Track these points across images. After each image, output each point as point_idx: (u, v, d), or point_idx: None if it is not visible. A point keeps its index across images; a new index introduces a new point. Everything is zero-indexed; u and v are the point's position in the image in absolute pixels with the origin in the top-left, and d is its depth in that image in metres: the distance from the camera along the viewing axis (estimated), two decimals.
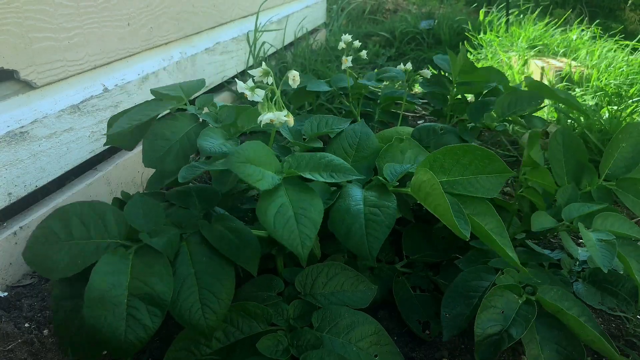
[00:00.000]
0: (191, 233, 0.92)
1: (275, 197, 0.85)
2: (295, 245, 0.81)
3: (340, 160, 0.93)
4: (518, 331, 0.90)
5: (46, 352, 0.94)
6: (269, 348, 0.85)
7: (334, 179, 0.91)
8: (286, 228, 0.82)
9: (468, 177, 0.98)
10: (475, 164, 0.98)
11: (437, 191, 0.86)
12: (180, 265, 0.88)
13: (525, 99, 1.37)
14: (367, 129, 1.14)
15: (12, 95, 1.12)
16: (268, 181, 0.85)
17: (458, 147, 0.98)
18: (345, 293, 0.97)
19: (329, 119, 1.15)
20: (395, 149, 1.08)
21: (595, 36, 2.99)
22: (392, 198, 0.94)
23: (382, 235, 0.90)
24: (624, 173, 1.18)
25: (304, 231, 0.82)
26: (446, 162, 0.98)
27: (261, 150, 0.88)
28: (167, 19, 1.63)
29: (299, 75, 0.94)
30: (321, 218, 0.84)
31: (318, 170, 0.91)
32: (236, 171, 0.83)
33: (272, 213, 0.83)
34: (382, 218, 0.91)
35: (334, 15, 3.68)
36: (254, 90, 0.92)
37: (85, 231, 0.88)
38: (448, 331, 0.98)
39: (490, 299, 0.93)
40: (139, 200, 0.95)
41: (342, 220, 0.92)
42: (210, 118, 1.05)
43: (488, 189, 0.97)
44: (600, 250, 0.95)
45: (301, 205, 0.84)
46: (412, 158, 1.07)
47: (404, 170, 1.00)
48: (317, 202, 0.86)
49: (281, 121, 0.90)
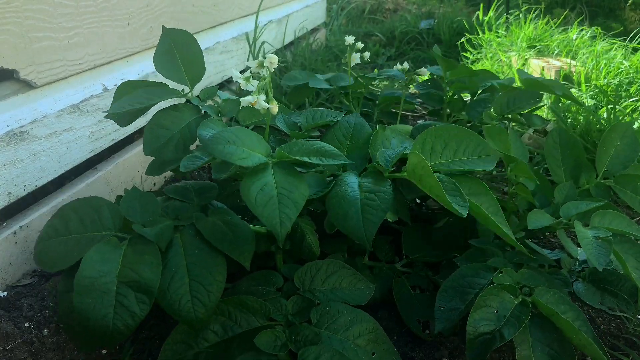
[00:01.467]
0: (186, 225, 0.93)
1: (260, 176, 0.85)
2: (274, 223, 0.80)
3: (330, 147, 0.93)
4: (510, 331, 0.89)
5: (46, 351, 0.94)
6: (267, 343, 0.85)
7: (322, 162, 0.91)
8: (267, 206, 0.81)
9: (460, 158, 1.01)
10: (462, 148, 1.02)
11: (428, 171, 0.88)
12: (173, 257, 0.88)
13: (524, 97, 1.38)
14: (361, 119, 1.15)
15: (11, 95, 1.12)
16: (254, 159, 0.86)
17: (442, 128, 1.02)
18: (344, 290, 0.98)
19: (324, 111, 1.17)
20: (382, 137, 1.09)
21: (595, 36, 2.99)
22: (388, 183, 0.95)
23: (378, 220, 0.90)
24: (621, 170, 1.19)
25: (285, 211, 0.82)
26: (436, 145, 1.01)
27: (245, 134, 0.89)
28: (167, 19, 1.64)
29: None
30: (304, 201, 0.84)
31: (308, 155, 0.91)
32: (214, 152, 0.84)
33: (256, 190, 0.82)
34: (378, 202, 0.91)
35: (333, 14, 3.68)
36: (248, 80, 0.93)
37: (81, 225, 0.92)
38: (440, 323, 0.97)
39: (485, 298, 0.93)
40: (136, 193, 0.96)
41: (339, 205, 0.92)
42: (212, 110, 1.05)
43: (482, 166, 1.01)
44: (595, 248, 0.95)
45: (286, 187, 0.84)
46: (398, 145, 1.08)
47: (398, 153, 1.01)
48: (302, 186, 0.86)
49: (262, 106, 0.90)
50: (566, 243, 1.10)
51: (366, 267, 1.15)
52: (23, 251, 1.11)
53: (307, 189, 0.86)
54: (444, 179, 0.92)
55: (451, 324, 0.97)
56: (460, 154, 1.02)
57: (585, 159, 1.22)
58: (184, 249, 0.89)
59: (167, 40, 1.08)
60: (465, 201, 0.90)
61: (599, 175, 1.20)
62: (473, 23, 3.36)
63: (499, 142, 1.08)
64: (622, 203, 1.49)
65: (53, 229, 0.93)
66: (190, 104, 1.06)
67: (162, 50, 1.08)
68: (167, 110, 1.03)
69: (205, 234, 0.90)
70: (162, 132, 0.99)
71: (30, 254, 1.13)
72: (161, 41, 1.08)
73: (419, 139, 1.01)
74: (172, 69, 1.08)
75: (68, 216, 0.93)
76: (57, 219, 0.93)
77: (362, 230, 0.89)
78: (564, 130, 1.23)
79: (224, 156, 0.83)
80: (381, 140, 1.08)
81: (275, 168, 0.87)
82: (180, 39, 1.09)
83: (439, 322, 0.98)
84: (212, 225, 0.92)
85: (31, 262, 1.14)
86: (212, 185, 1.09)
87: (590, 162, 1.23)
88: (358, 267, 1.13)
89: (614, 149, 1.20)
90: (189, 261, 0.88)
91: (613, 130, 1.22)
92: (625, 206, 1.54)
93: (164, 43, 1.08)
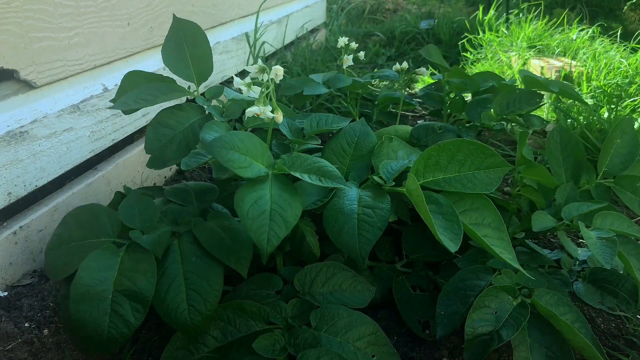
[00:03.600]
0: (184, 231, 0.93)
1: (257, 188, 0.84)
2: (261, 239, 0.80)
3: (332, 167, 0.93)
4: (509, 332, 0.89)
5: (46, 351, 0.94)
6: (265, 347, 0.85)
7: (322, 183, 0.90)
8: (258, 220, 0.81)
9: (465, 173, 0.97)
10: (471, 159, 0.97)
11: (421, 201, 0.86)
12: (170, 265, 0.88)
13: (523, 98, 1.37)
14: (366, 127, 1.14)
15: (12, 95, 1.12)
16: (254, 171, 0.85)
17: (451, 143, 0.98)
18: (344, 293, 0.97)
19: (328, 117, 1.16)
20: (388, 148, 1.08)
21: (594, 36, 2.99)
22: (387, 199, 0.94)
23: (373, 237, 0.89)
24: (621, 170, 1.19)
25: (274, 229, 0.81)
26: (441, 159, 0.97)
27: (250, 140, 0.88)
28: (167, 19, 1.63)
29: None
30: (295, 221, 0.83)
31: (309, 173, 0.90)
32: (217, 156, 0.82)
33: (249, 202, 0.82)
34: (374, 219, 0.91)
35: (333, 14, 3.68)
36: (250, 87, 0.92)
37: (81, 232, 0.93)
38: (442, 328, 0.97)
39: (484, 299, 0.93)
40: (134, 198, 0.96)
41: (335, 219, 0.92)
42: (216, 111, 1.04)
43: (486, 184, 0.96)
44: (602, 248, 0.95)
45: (280, 204, 0.84)
46: (404, 157, 1.07)
47: (401, 167, 1.00)
48: (296, 205, 0.85)
49: (268, 116, 0.89)
50: (566, 243, 1.10)
51: (366, 268, 1.15)
52: (23, 251, 1.11)
53: (300, 209, 0.85)
54: (443, 201, 0.91)
55: (452, 328, 0.98)
56: (467, 168, 0.97)
57: (585, 159, 1.22)
58: (181, 256, 0.89)
59: (177, 32, 1.06)
60: (460, 229, 0.87)
61: (599, 175, 1.20)
62: (474, 23, 3.36)
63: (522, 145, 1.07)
64: (622, 203, 1.49)
65: (58, 237, 0.95)
66: (194, 104, 1.05)
67: (170, 43, 1.06)
68: (172, 109, 1.02)
69: (202, 241, 0.90)
70: (165, 131, 0.98)
71: (30, 254, 1.13)
72: (170, 31, 1.06)
73: (424, 154, 0.98)
74: (180, 63, 1.06)
75: (70, 224, 0.95)
76: (61, 227, 0.96)
77: (356, 248, 0.89)
78: (565, 130, 1.23)
79: (226, 162, 0.82)
80: (386, 152, 1.06)
81: (274, 181, 0.87)
82: (190, 31, 1.07)
83: (440, 327, 0.98)
84: (209, 231, 0.91)
85: (31, 262, 1.14)
86: (212, 187, 1.09)
87: (590, 162, 1.23)
88: (358, 267, 1.13)
89: (613, 148, 1.20)
90: (186, 269, 0.88)
91: (616, 128, 1.21)
92: (624, 206, 1.54)
93: (173, 34, 1.06)
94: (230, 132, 0.89)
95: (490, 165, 0.98)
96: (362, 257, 0.88)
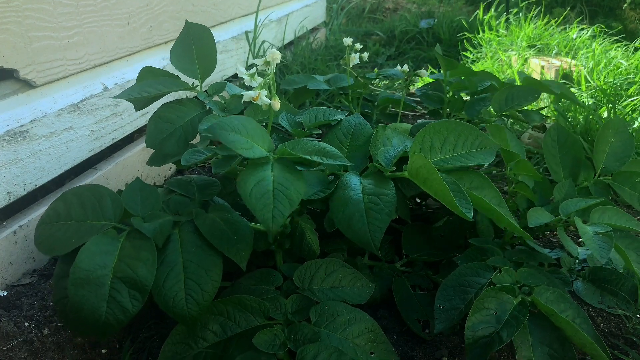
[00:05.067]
0: (185, 221, 0.93)
1: (260, 170, 0.84)
2: (266, 218, 0.79)
3: (332, 148, 0.93)
4: (509, 333, 0.89)
5: (46, 351, 0.94)
6: (265, 342, 0.85)
7: (323, 161, 0.90)
8: (262, 200, 0.81)
9: (460, 153, 1.01)
10: (462, 140, 1.02)
11: (435, 176, 0.87)
12: (170, 253, 0.88)
13: (522, 94, 1.37)
14: (361, 119, 1.15)
15: (11, 94, 1.12)
16: (256, 152, 0.85)
17: (439, 124, 1.02)
18: (344, 289, 0.98)
19: (326, 110, 1.17)
20: (382, 136, 1.09)
21: (595, 35, 2.99)
22: (391, 185, 0.95)
23: (383, 224, 0.89)
24: (618, 167, 1.20)
25: (279, 207, 0.81)
26: (435, 141, 1.01)
27: (250, 124, 0.88)
28: (166, 18, 1.64)
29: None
30: (299, 199, 0.83)
31: (310, 154, 0.90)
32: (219, 138, 0.83)
33: (252, 183, 0.82)
34: (382, 206, 0.90)
35: (333, 14, 3.68)
36: (253, 77, 0.92)
37: (82, 212, 0.91)
38: (440, 323, 0.97)
39: (483, 300, 0.92)
40: (138, 185, 0.96)
41: (343, 210, 0.92)
42: (217, 106, 1.05)
43: (481, 160, 1.01)
44: (598, 242, 0.96)
45: (283, 183, 0.83)
46: (399, 144, 1.08)
47: (398, 152, 1.00)
48: (299, 184, 0.85)
49: (265, 101, 0.90)
50: (566, 242, 1.10)
51: (366, 267, 1.15)
52: (23, 250, 1.11)
53: (304, 187, 0.85)
54: (446, 179, 0.92)
55: (451, 323, 0.97)
56: (460, 148, 1.02)
57: (583, 156, 1.22)
58: (181, 245, 0.89)
59: (187, 34, 1.10)
60: (468, 202, 0.89)
61: (597, 172, 1.20)
62: (474, 22, 3.36)
63: (499, 140, 1.08)
64: (623, 202, 1.49)
65: (55, 212, 0.92)
66: (195, 99, 1.06)
67: (180, 44, 1.10)
68: (172, 104, 1.03)
69: (203, 231, 0.90)
70: (165, 125, 1.00)
71: (30, 254, 1.13)
72: (182, 34, 1.10)
73: (418, 137, 1.00)
74: (186, 61, 1.09)
75: (70, 201, 0.93)
76: (59, 202, 0.93)
77: (368, 237, 0.88)
78: (562, 127, 1.23)
79: (228, 143, 0.83)
80: (382, 140, 1.08)
81: (275, 164, 0.87)
82: (198, 32, 1.11)
83: (439, 322, 0.98)
84: (210, 222, 0.92)
85: (31, 262, 1.14)
86: (214, 182, 1.09)
87: (588, 160, 1.23)
88: (358, 266, 1.13)
89: (609, 146, 1.21)
90: (185, 258, 0.88)
91: (606, 127, 1.23)
92: (625, 205, 1.54)
93: (184, 37, 1.10)
94: (231, 116, 0.90)
95: (481, 145, 1.03)
96: (374, 244, 0.88)
